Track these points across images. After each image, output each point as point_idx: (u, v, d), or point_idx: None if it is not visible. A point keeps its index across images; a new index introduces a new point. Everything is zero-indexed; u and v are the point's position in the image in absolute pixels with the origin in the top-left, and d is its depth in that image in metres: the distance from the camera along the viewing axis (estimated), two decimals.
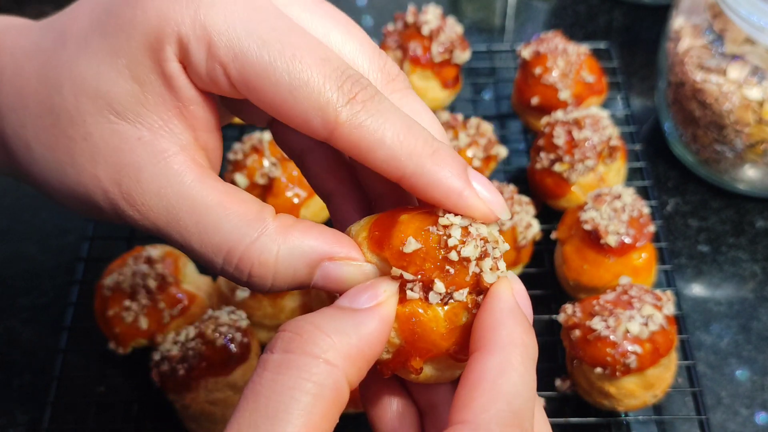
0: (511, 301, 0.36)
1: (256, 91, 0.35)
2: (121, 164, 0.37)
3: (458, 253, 0.36)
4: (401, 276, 0.36)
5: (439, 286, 0.36)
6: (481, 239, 0.37)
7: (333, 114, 0.35)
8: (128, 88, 0.36)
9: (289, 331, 0.34)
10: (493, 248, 0.38)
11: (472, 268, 0.37)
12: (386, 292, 0.36)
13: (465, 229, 0.37)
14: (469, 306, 0.37)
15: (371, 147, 0.36)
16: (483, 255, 0.37)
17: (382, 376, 0.38)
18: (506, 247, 0.39)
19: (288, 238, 0.36)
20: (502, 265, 0.38)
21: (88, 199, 0.38)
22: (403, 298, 0.37)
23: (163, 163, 0.37)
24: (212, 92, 0.38)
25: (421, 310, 0.36)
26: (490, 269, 0.37)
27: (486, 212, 0.37)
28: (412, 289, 0.36)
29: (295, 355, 0.32)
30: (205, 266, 0.38)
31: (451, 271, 0.36)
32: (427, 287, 0.36)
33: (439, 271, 0.36)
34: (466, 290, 0.37)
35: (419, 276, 0.36)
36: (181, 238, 0.37)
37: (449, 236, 0.36)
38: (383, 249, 0.37)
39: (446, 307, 0.37)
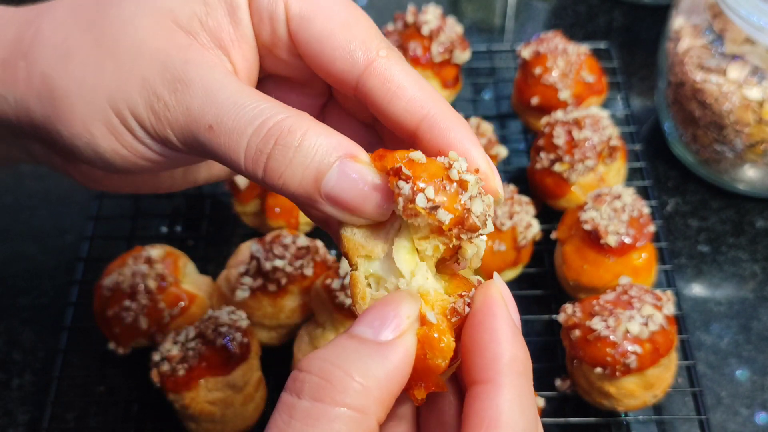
0: (506, 318, 0.36)
1: (310, 23, 0.40)
2: (168, 59, 0.39)
3: (459, 173, 0.37)
4: (399, 171, 0.36)
5: (430, 191, 0.36)
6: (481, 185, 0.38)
7: (375, 48, 0.40)
8: (195, 8, 0.40)
9: (315, 375, 0.33)
10: (486, 204, 0.38)
11: (465, 198, 0.37)
12: (409, 318, 0.35)
13: (469, 170, 0.38)
14: (457, 307, 0.37)
15: (400, 86, 0.39)
16: (479, 194, 0.37)
17: None
18: (490, 228, 0.38)
19: (317, 126, 0.37)
20: (489, 225, 0.38)
21: (120, 96, 0.40)
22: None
23: (210, 65, 0.40)
24: (263, 40, 0.42)
25: (431, 332, 0.36)
26: (478, 216, 0.37)
27: (488, 171, 0.40)
28: (400, 188, 0.36)
29: (326, 405, 0.32)
30: (225, 150, 0.38)
31: (447, 188, 0.36)
32: (417, 194, 0.36)
33: (435, 184, 0.36)
34: (453, 232, 0.37)
35: (414, 179, 0.36)
36: (214, 116, 0.38)
37: (454, 163, 0.37)
38: (384, 159, 0.37)
39: (447, 313, 0.37)
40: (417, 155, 0.37)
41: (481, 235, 0.38)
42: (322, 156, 0.37)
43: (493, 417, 0.33)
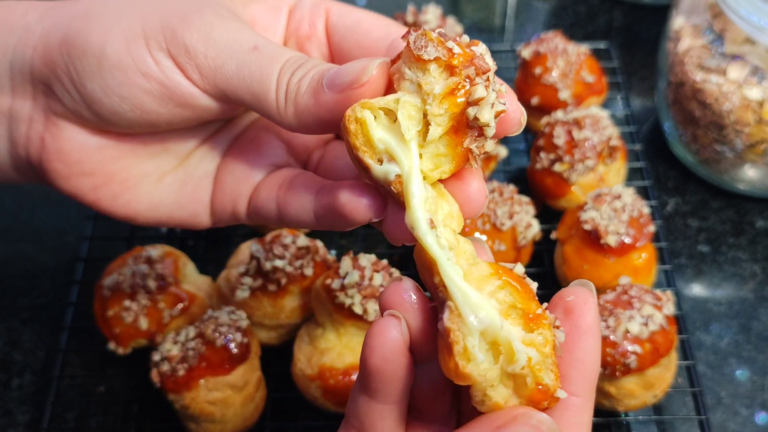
0: (599, 335, 0.39)
1: (348, 15, 0.47)
2: (204, 2, 0.44)
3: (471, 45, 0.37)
4: (413, 25, 0.37)
5: (439, 32, 0.37)
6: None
7: (405, 30, 0.44)
8: None
9: None
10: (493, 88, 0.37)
11: (473, 48, 0.37)
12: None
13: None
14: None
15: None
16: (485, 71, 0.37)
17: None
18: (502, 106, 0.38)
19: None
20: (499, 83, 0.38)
21: (161, 10, 0.43)
22: None
23: (242, 18, 0.45)
24: (299, 33, 0.48)
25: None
26: (487, 62, 0.37)
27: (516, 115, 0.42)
28: (412, 35, 0.36)
29: None
30: (264, 68, 0.41)
31: (457, 39, 0.37)
32: (428, 32, 0.36)
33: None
34: (464, 72, 0.36)
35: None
36: (262, 40, 0.42)
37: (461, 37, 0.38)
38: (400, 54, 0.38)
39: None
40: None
41: (492, 85, 0.37)
42: (331, 66, 0.40)
43: (583, 430, 0.38)
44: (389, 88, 0.39)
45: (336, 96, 0.39)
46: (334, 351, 0.75)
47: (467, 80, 0.36)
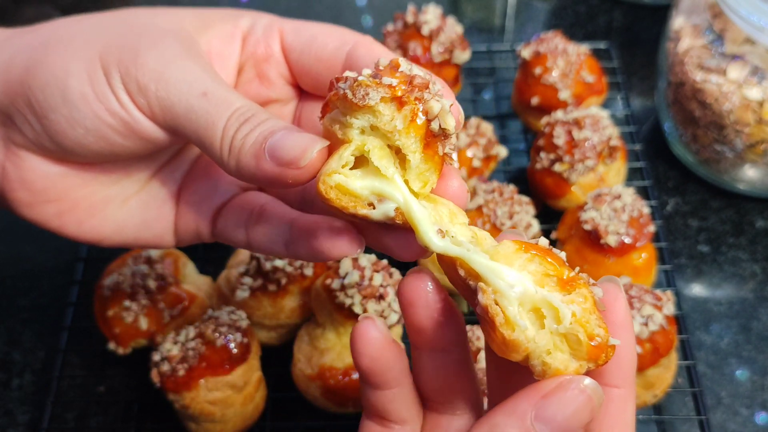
0: (633, 329, 0.40)
1: (302, 30, 0.48)
2: (172, 36, 0.44)
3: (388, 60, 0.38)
4: (336, 79, 0.37)
5: (367, 71, 0.37)
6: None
7: (359, 35, 0.47)
8: (198, 25, 0.46)
9: None
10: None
11: (403, 69, 0.38)
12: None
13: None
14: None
15: (382, 52, 0.45)
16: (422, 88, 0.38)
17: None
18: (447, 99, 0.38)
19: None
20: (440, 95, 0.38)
21: (117, 41, 0.43)
22: None
23: (199, 51, 0.45)
24: (257, 56, 0.48)
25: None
26: (422, 76, 0.38)
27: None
28: (342, 85, 0.37)
29: None
30: (210, 117, 0.41)
31: (382, 68, 0.38)
32: (358, 75, 0.37)
33: (372, 69, 0.38)
34: (409, 96, 0.37)
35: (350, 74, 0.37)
36: (212, 84, 0.42)
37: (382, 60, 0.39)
38: (326, 103, 0.38)
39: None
40: (347, 73, 0.38)
41: (438, 95, 0.38)
42: (278, 126, 0.40)
43: (628, 422, 0.39)
44: (326, 135, 0.40)
45: (275, 168, 0.39)
46: (334, 351, 0.75)
47: (418, 102, 0.37)
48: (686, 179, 0.98)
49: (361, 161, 0.38)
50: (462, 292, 0.40)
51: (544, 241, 0.39)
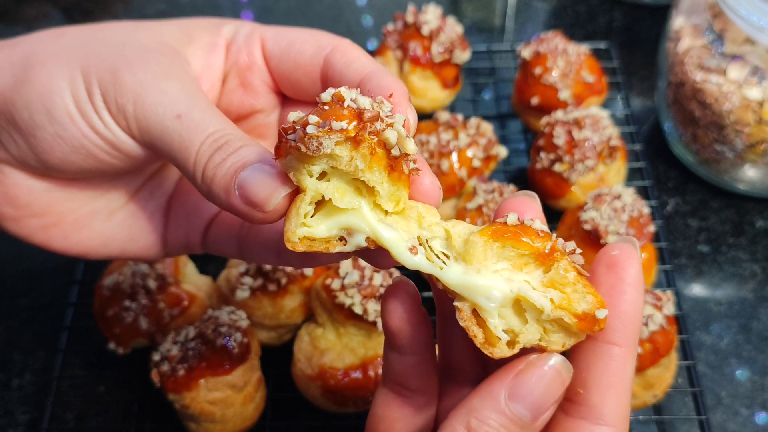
0: (643, 289, 0.40)
1: (282, 36, 0.48)
2: (152, 52, 0.44)
3: (329, 94, 0.38)
4: (284, 130, 0.36)
5: (313, 118, 0.36)
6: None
7: (337, 39, 0.47)
8: (180, 36, 0.46)
9: None
10: (371, 100, 0.38)
11: (347, 103, 0.37)
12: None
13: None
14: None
15: (356, 57, 0.46)
16: (357, 95, 0.37)
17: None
18: (400, 117, 0.38)
19: (261, 146, 0.42)
20: (394, 116, 0.38)
21: (95, 68, 0.43)
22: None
23: (190, 73, 0.44)
24: (239, 65, 0.48)
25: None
26: (370, 108, 0.37)
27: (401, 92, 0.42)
28: (293, 139, 0.36)
29: None
30: (183, 140, 0.41)
31: (326, 107, 0.37)
32: (305, 126, 0.36)
33: (315, 111, 0.37)
34: (362, 134, 0.36)
35: (295, 123, 0.37)
36: (186, 106, 0.42)
37: (324, 95, 0.38)
38: (278, 145, 0.38)
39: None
40: (292, 115, 0.38)
41: (389, 119, 0.37)
42: (251, 157, 0.40)
43: (626, 381, 0.39)
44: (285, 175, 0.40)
45: (242, 206, 0.39)
46: (334, 351, 0.75)
47: (373, 136, 0.37)
48: (686, 179, 0.98)
49: (323, 198, 0.38)
50: (447, 300, 0.41)
51: (512, 218, 0.39)
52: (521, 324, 0.38)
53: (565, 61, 0.94)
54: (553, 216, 0.90)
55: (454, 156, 0.87)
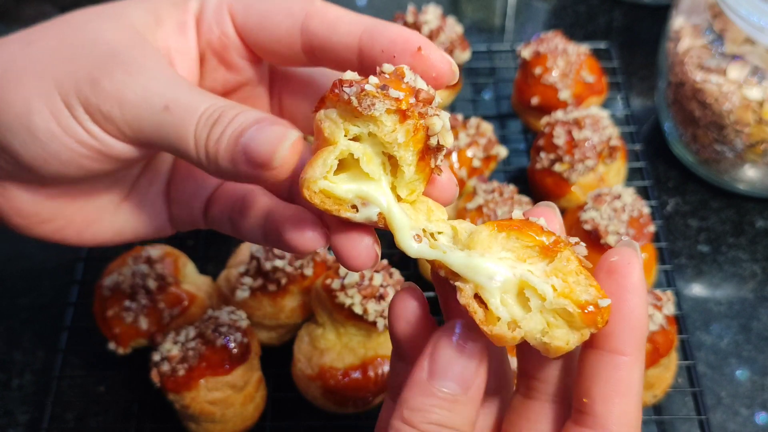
0: (645, 294, 0.39)
1: (251, 7, 0.44)
2: (124, 47, 0.42)
3: (392, 68, 0.38)
4: (339, 82, 0.37)
5: (373, 79, 0.37)
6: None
7: (309, 1, 0.44)
8: (149, 18, 0.44)
9: None
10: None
11: (407, 79, 0.38)
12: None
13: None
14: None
15: (337, 17, 0.42)
16: (416, 77, 0.38)
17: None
18: (446, 115, 0.38)
19: (255, 109, 0.41)
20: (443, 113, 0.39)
21: (70, 77, 0.41)
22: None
23: (164, 61, 0.43)
24: (213, 46, 0.46)
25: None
26: (427, 89, 0.38)
27: (429, 46, 0.40)
28: (347, 92, 0.36)
29: None
30: (177, 130, 0.40)
31: (387, 77, 0.37)
32: (364, 84, 0.37)
33: (376, 76, 0.37)
34: (412, 110, 0.37)
35: (355, 79, 0.37)
36: (173, 96, 0.41)
37: (384, 65, 0.39)
38: (324, 98, 0.38)
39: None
40: (349, 74, 0.38)
41: (437, 110, 0.38)
42: (249, 121, 0.39)
43: (633, 391, 0.38)
44: (316, 129, 0.39)
45: (251, 170, 0.39)
46: (334, 351, 0.75)
47: (421, 117, 0.37)
48: (686, 179, 0.98)
49: (346, 161, 0.39)
50: (448, 293, 0.41)
51: (517, 213, 0.39)
52: (524, 313, 0.37)
53: (565, 61, 0.94)
54: None
55: (454, 156, 0.87)
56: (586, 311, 0.36)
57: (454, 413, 0.38)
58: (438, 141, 0.38)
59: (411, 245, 0.38)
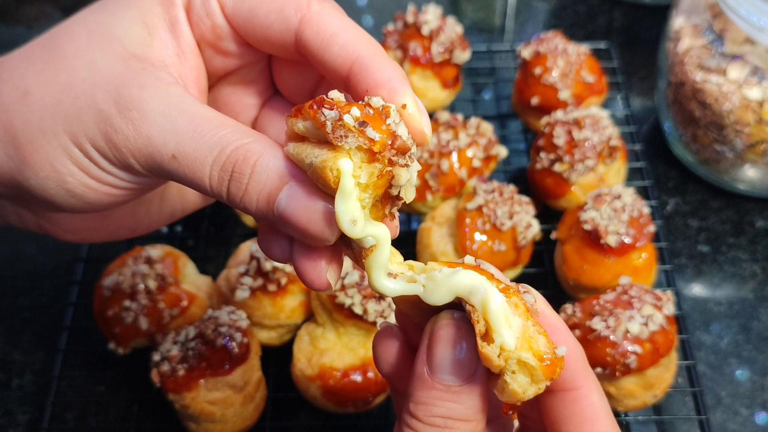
0: (566, 326, 0.42)
1: (242, 2, 0.43)
2: (122, 85, 0.41)
3: (379, 103, 0.37)
4: (321, 101, 0.36)
5: (355, 111, 0.36)
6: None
7: (306, 3, 0.41)
8: (139, 32, 0.42)
9: None
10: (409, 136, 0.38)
11: (390, 121, 0.37)
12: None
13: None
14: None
15: (334, 32, 0.41)
16: (401, 122, 0.37)
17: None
18: (417, 165, 0.38)
19: (269, 149, 0.39)
20: (416, 162, 0.38)
21: (79, 129, 0.41)
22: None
23: (165, 86, 0.41)
24: (206, 38, 0.44)
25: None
26: (405, 139, 0.37)
27: (415, 109, 0.39)
28: (326, 115, 0.36)
29: None
30: (191, 178, 0.40)
31: (371, 112, 0.37)
32: (343, 114, 0.36)
33: (358, 107, 0.37)
34: (384, 155, 0.36)
35: (338, 104, 0.36)
36: (176, 145, 0.40)
37: (373, 98, 0.38)
38: (302, 109, 0.38)
39: None
40: (335, 94, 0.37)
41: (411, 161, 0.37)
42: (273, 182, 0.39)
43: (598, 413, 0.40)
44: (290, 134, 0.39)
45: (286, 228, 0.39)
46: (334, 351, 0.75)
47: (390, 164, 0.36)
48: (686, 179, 0.98)
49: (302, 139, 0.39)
50: (414, 324, 0.42)
51: (469, 259, 0.39)
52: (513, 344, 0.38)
53: (565, 61, 0.94)
54: (553, 216, 0.90)
55: (454, 156, 0.87)
56: (544, 363, 0.36)
57: (459, 404, 0.38)
58: (399, 192, 0.37)
59: (386, 285, 0.39)
